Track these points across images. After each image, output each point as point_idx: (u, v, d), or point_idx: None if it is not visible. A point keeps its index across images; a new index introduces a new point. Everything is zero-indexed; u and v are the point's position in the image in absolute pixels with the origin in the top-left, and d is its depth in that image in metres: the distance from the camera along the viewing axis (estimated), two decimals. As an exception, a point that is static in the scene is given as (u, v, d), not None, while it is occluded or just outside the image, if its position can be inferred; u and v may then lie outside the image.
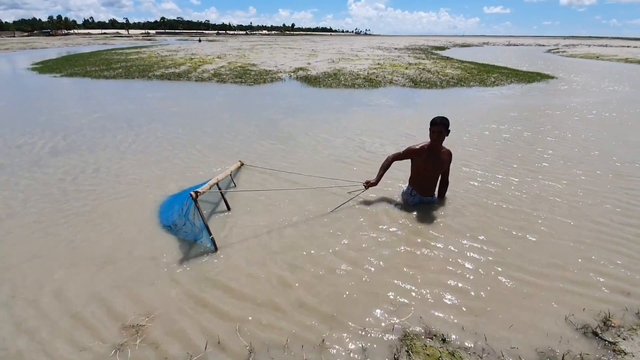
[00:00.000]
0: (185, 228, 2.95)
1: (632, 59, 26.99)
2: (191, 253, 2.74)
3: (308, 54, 25.46)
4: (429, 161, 3.31)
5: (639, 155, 5.12)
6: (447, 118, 3.17)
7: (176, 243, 2.88)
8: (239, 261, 2.65)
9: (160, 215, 3.33)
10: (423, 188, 3.47)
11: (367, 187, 3.53)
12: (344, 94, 10.49)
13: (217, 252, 2.73)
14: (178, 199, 3.41)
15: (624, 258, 2.70)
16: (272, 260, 2.66)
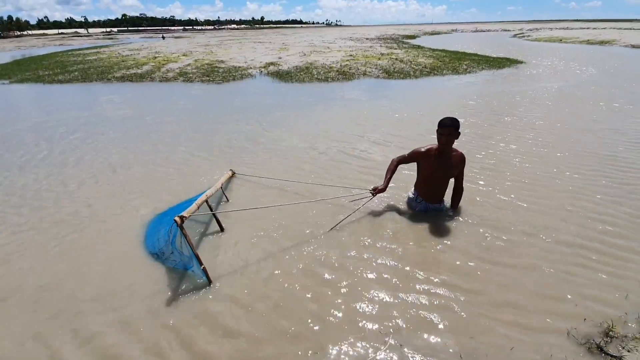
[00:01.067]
0: (174, 256, 2.56)
1: (593, 41, 28.05)
2: (181, 286, 2.37)
3: (279, 47, 24.83)
4: (437, 165, 2.95)
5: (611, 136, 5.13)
6: (457, 119, 2.79)
7: (164, 275, 2.50)
8: (237, 294, 2.28)
9: (146, 240, 2.90)
10: (430, 194, 3.14)
11: (374, 194, 3.12)
12: (318, 88, 10.17)
13: (211, 284, 2.36)
14: (165, 219, 2.98)
15: (616, 262, 2.57)
16: (275, 292, 2.30)
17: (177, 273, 2.50)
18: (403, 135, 5.54)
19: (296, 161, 4.57)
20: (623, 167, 4.13)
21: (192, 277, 2.44)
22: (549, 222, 3.00)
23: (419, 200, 3.19)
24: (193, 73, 13.41)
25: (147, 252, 2.74)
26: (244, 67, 14.77)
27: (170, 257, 2.58)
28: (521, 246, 2.69)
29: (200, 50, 23.91)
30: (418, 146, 3.05)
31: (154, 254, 2.69)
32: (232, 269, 2.52)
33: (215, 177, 4.00)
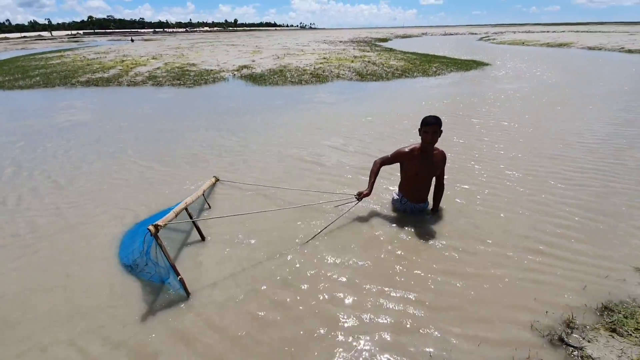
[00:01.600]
0: (149, 268, 2.42)
1: (552, 43, 29.66)
2: (157, 300, 2.25)
3: (252, 50, 24.60)
4: (421, 165, 2.97)
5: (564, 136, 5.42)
6: (439, 117, 2.83)
7: (138, 288, 2.38)
8: (215, 309, 2.18)
9: (120, 252, 2.76)
10: (414, 194, 3.15)
11: (360, 198, 3.08)
12: (292, 91, 10.14)
13: (189, 297, 2.26)
14: (142, 229, 2.79)
15: (574, 256, 2.70)
16: (258, 305, 2.21)
17: (152, 286, 2.38)
18: (379, 136, 5.61)
19: (277, 167, 4.51)
20: (576, 167, 4.36)
21: (168, 291, 2.32)
22: (505, 222, 3.11)
23: (404, 201, 3.20)
24: (163, 77, 13.03)
25: (120, 265, 2.60)
26: (216, 71, 14.52)
27: (145, 269, 2.44)
28: (481, 246, 2.78)
29: (171, 53, 23.29)
30: (400, 147, 3.08)
31: (127, 266, 2.55)
32: (211, 281, 2.42)
33: (185, 187, 3.89)
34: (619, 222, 3.04)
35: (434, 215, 3.19)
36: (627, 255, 2.60)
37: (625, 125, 6.05)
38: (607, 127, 5.99)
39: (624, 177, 3.97)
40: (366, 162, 4.48)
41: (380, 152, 4.95)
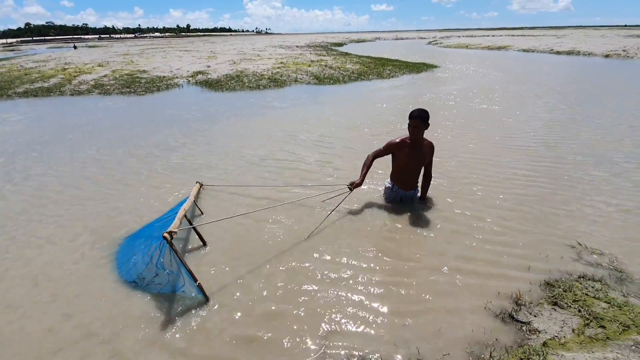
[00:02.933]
0: (158, 279, 2.36)
1: (492, 46, 32.03)
2: (175, 310, 2.21)
3: (207, 56, 23.94)
4: (411, 155, 3.19)
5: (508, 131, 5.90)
6: (425, 110, 3.03)
7: (152, 302, 2.28)
8: (239, 309, 2.20)
9: (120, 270, 2.59)
10: (405, 182, 3.36)
11: (352, 188, 3.27)
12: (250, 96, 10.03)
13: (209, 302, 2.24)
14: (137, 242, 2.76)
15: (515, 239, 2.96)
16: (271, 303, 2.25)
17: (164, 298, 2.30)
18: (344, 136, 5.73)
19: (256, 169, 4.51)
20: (527, 159, 4.77)
21: (183, 298, 2.27)
22: (449, 213, 3.33)
23: (396, 189, 3.40)
24: (111, 85, 12.31)
25: (121, 283, 2.46)
26: (169, 77, 13.98)
27: (154, 280, 2.37)
28: (433, 236, 2.96)
29: (118, 60, 22.02)
30: (391, 139, 3.28)
31: (132, 282, 2.44)
32: (224, 283, 2.43)
33: (142, 200, 3.72)
34: (552, 209, 3.36)
35: (421, 204, 3.44)
36: (562, 236, 2.88)
37: (558, 121, 6.70)
38: (541, 122, 6.60)
39: (557, 169, 4.40)
40: (336, 159, 4.65)
41: (349, 151, 5.10)
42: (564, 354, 1.79)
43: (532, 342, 1.89)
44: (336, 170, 4.38)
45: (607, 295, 2.19)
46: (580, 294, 2.21)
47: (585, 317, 2.02)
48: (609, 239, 2.82)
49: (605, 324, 1.96)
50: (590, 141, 5.35)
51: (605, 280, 2.35)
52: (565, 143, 5.29)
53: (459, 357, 1.84)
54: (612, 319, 1.98)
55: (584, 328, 1.95)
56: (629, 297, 2.18)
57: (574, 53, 23.39)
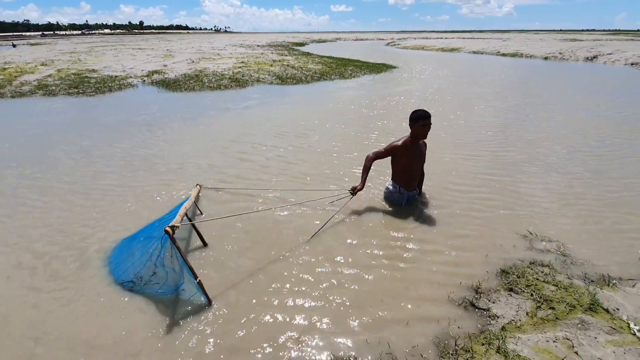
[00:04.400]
0: (156, 279, 2.29)
1: (446, 48, 33.66)
2: (177, 313, 2.15)
3: (163, 54, 22.91)
4: (415, 155, 3.24)
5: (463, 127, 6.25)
6: None
7: (149, 305, 2.22)
8: (243, 313, 2.15)
9: (113, 269, 2.52)
10: (410, 183, 3.37)
11: (354, 193, 3.29)
12: (212, 96, 9.73)
13: (212, 305, 2.20)
14: (135, 243, 2.66)
15: (466, 231, 3.14)
16: (275, 307, 2.23)
17: (166, 303, 2.23)
18: (318, 132, 5.73)
19: (242, 168, 4.42)
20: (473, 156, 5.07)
21: (186, 303, 2.22)
22: (425, 209, 3.48)
23: (402, 191, 3.38)
24: (56, 85, 11.40)
25: (116, 285, 2.39)
26: (122, 77, 13.21)
27: (152, 280, 2.30)
28: (395, 231, 3.07)
29: (64, 58, 20.44)
30: (393, 141, 3.30)
31: (129, 282, 2.35)
32: (226, 285, 2.40)
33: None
34: (505, 202, 3.61)
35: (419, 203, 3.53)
36: (515, 225, 3.10)
37: (504, 118, 7.20)
38: (498, 118, 7.06)
39: (505, 165, 4.73)
40: (321, 157, 4.64)
41: (327, 150, 5.13)
42: (520, 336, 1.93)
43: (492, 327, 2.02)
44: (323, 173, 4.35)
45: (555, 278, 2.39)
46: (532, 279, 2.39)
47: (537, 301, 2.19)
48: (554, 227, 3.08)
49: (554, 305, 2.14)
50: (535, 139, 5.80)
51: (552, 265, 2.56)
52: (512, 141, 5.70)
53: (427, 347, 1.92)
54: (560, 301, 2.17)
55: (536, 310, 2.12)
56: (573, 279, 2.40)
57: (517, 55, 25.21)
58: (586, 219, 3.23)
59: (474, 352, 1.84)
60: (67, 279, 2.48)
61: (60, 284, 2.44)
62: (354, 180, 4.00)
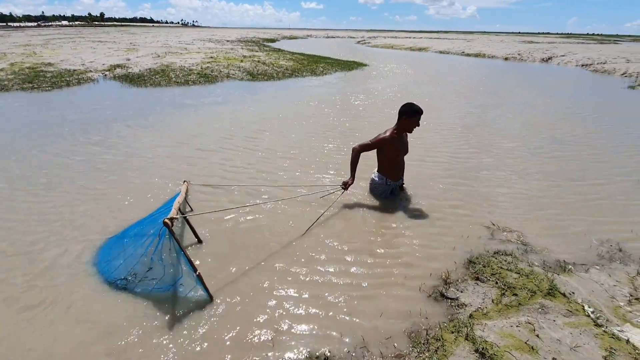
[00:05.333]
0: (153, 274, 2.23)
1: (414, 47, 34.49)
2: (178, 311, 2.11)
3: (126, 48, 21.82)
4: (401, 147, 3.34)
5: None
6: None
7: (146, 303, 2.17)
8: (249, 309, 2.16)
9: (102, 268, 2.43)
10: (396, 174, 3.49)
11: (346, 188, 3.37)
12: (181, 92, 9.38)
13: (213, 300, 2.18)
14: (124, 240, 2.57)
15: (433, 225, 3.25)
16: (284, 297, 2.27)
17: (166, 299, 2.19)
18: (294, 130, 5.67)
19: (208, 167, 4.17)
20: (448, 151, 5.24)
21: (187, 300, 2.18)
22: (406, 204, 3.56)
23: (389, 182, 3.48)
24: (9, 80, 10.51)
25: (106, 284, 2.31)
26: (81, 71, 12.44)
27: (147, 276, 2.24)
28: (360, 225, 3.12)
29: (18, 51, 18.92)
30: (379, 134, 3.34)
31: (121, 280, 2.28)
32: (227, 281, 2.39)
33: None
34: (471, 196, 3.76)
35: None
36: (479, 218, 3.24)
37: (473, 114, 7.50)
38: (462, 115, 7.33)
39: (473, 159, 4.93)
40: (305, 153, 4.57)
41: (305, 146, 5.07)
42: (487, 322, 2.02)
43: (460, 316, 2.10)
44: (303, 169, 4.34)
45: (517, 266, 2.52)
46: (497, 267, 2.51)
47: (501, 288, 2.30)
48: (514, 219, 3.25)
49: (517, 292, 2.26)
50: (495, 139, 6.09)
51: (515, 254, 2.70)
52: (474, 141, 5.94)
53: (400, 338, 1.96)
54: (522, 287, 2.30)
55: (500, 297, 2.22)
56: (533, 267, 2.54)
57: (480, 55, 26.31)
58: (543, 210, 3.43)
59: (444, 341, 1.90)
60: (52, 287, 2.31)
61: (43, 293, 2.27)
62: (336, 173, 4.02)
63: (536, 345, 1.85)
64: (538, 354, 1.80)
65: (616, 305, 2.19)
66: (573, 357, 1.79)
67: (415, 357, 1.83)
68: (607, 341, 1.88)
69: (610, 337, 1.91)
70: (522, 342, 1.87)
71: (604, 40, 53.87)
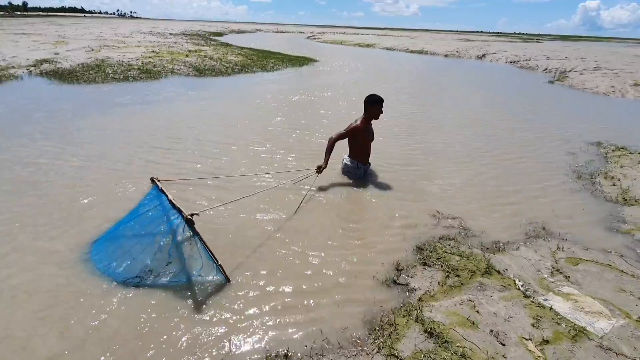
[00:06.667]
0: (171, 268, 2.34)
1: (362, 44, 35.38)
2: (200, 296, 2.23)
3: (54, 41, 19.68)
4: (369, 134, 3.85)
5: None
6: None
7: (169, 297, 2.23)
8: (260, 284, 2.37)
9: (105, 270, 2.41)
10: (366, 158, 3.97)
11: (320, 172, 3.67)
12: (120, 89, 8.71)
13: (230, 282, 2.33)
14: (121, 241, 2.60)
15: (388, 217, 3.43)
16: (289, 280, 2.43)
17: (178, 289, 2.28)
18: (251, 127, 5.53)
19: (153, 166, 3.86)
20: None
21: (202, 286, 2.30)
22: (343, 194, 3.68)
23: (360, 166, 3.93)
24: None
25: (120, 285, 2.29)
26: (1, 67, 11.03)
27: (165, 271, 2.33)
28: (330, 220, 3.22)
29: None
30: (352, 123, 3.80)
31: (133, 279, 2.31)
32: (233, 265, 2.51)
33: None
34: (417, 187, 4.01)
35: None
36: (425, 208, 3.46)
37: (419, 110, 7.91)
38: (410, 108, 7.71)
39: (418, 152, 5.23)
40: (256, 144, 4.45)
41: (259, 143, 4.95)
42: (434, 304, 2.19)
43: (411, 300, 2.25)
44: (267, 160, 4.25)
45: (459, 249, 2.75)
46: (441, 252, 2.72)
47: (446, 271, 2.50)
48: (456, 207, 3.52)
49: (459, 273, 2.47)
50: (437, 133, 6.51)
51: (457, 238, 2.94)
52: (418, 134, 6.31)
53: (357, 327, 2.05)
54: (463, 268, 2.51)
55: (445, 279, 2.42)
56: (473, 249, 2.79)
57: (423, 52, 27.76)
58: (481, 196, 3.77)
59: (397, 325, 2.03)
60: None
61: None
62: (290, 164, 4.04)
63: (476, 320, 2.05)
64: (478, 327, 2.00)
65: (541, 277, 2.49)
66: (507, 327, 2.01)
67: (371, 344, 1.93)
68: (534, 310, 2.14)
69: (536, 307, 2.17)
70: (465, 318, 2.06)
71: (528, 39, 59.53)
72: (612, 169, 4.63)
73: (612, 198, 3.78)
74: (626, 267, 2.64)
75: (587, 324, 2.05)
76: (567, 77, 14.18)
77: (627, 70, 14.40)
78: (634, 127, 7.08)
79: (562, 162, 4.88)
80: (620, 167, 4.69)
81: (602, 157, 5.14)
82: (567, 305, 2.20)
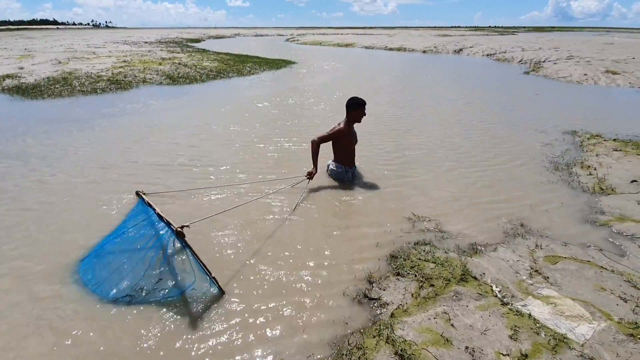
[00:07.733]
0: (162, 284, 2.27)
1: (341, 43, 35.39)
2: (195, 312, 2.12)
3: (20, 55, 18.94)
4: (353, 137, 3.81)
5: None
6: None
7: (164, 314, 2.11)
8: (256, 294, 2.27)
9: (95, 289, 2.29)
10: (352, 161, 3.90)
11: (311, 177, 3.64)
12: (87, 102, 8.33)
13: (225, 295, 2.23)
14: (108, 258, 2.52)
15: (362, 225, 3.27)
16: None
17: (172, 305, 2.17)
18: (231, 135, 5.28)
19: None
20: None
21: (196, 299, 2.20)
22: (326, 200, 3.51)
23: (347, 169, 3.86)
24: None
25: (110, 305, 2.18)
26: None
27: (156, 287, 2.25)
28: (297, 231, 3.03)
29: None
30: (335, 127, 3.73)
31: (123, 297, 2.20)
32: (228, 275, 2.43)
33: None
34: (390, 188, 3.86)
35: None
36: (400, 211, 3.31)
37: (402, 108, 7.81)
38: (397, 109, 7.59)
39: (395, 154, 5.10)
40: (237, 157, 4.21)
41: (239, 148, 4.71)
42: (407, 319, 2.03)
43: (382, 317, 2.08)
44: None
45: (434, 255, 2.60)
46: (415, 259, 2.56)
47: (420, 280, 2.34)
48: (432, 208, 3.37)
49: (433, 282, 2.32)
50: (414, 133, 6.41)
51: (432, 242, 2.79)
52: (394, 135, 6.19)
53: (323, 352, 1.87)
54: (438, 277, 2.36)
55: (419, 290, 2.26)
56: (448, 253, 2.64)
57: (402, 49, 27.90)
58: (457, 197, 3.62)
59: (366, 348, 1.85)
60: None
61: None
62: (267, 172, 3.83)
63: (451, 336, 1.89)
64: (452, 345, 1.84)
65: (520, 280, 2.36)
66: (483, 341, 1.86)
67: (338, 371, 1.75)
68: (512, 319, 2.00)
69: (514, 315, 2.03)
70: (439, 335, 1.90)
71: (504, 32, 60.74)
72: (587, 157, 4.59)
73: (589, 188, 3.71)
74: (605, 262, 2.54)
75: (568, 331, 1.92)
76: (541, 67, 14.38)
77: (598, 57, 14.71)
78: (607, 114, 7.14)
79: (539, 154, 4.81)
80: (596, 155, 4.66)
81: (578, 146, 5.11)
82: (546, 310, 2.07)
